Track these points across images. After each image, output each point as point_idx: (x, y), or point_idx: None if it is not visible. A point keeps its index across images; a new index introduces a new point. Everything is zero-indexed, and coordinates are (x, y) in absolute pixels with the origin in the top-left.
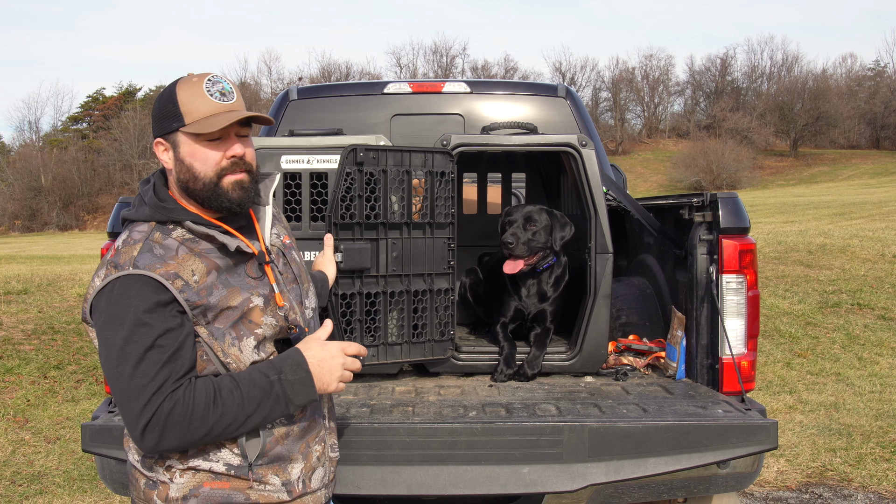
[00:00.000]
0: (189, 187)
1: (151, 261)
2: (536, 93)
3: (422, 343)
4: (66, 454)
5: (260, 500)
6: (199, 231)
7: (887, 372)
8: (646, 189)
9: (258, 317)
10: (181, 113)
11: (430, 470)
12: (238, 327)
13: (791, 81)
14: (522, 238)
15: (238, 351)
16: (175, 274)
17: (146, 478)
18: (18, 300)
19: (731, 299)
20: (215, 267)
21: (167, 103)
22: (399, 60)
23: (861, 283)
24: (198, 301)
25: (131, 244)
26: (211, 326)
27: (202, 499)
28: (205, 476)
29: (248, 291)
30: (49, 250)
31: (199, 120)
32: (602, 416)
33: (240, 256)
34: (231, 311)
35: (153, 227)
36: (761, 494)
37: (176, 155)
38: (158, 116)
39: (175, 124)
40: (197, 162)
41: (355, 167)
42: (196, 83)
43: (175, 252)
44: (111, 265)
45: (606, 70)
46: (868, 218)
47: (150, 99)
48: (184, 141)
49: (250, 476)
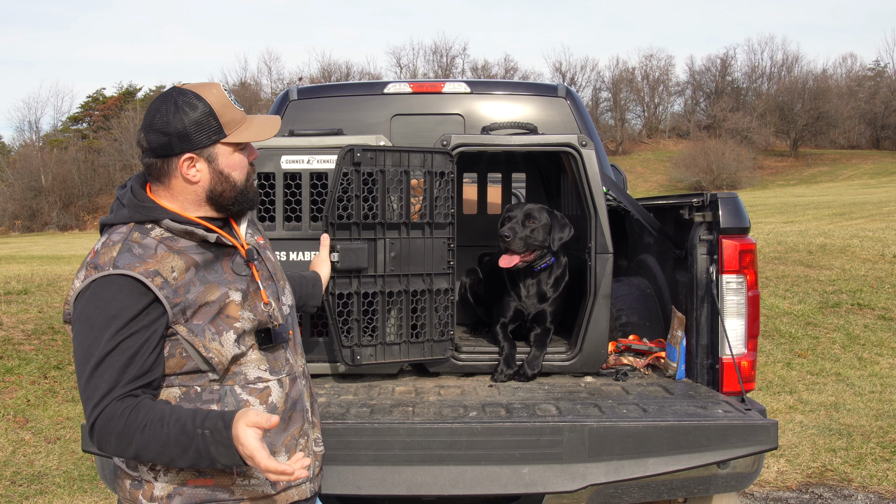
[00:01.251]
0: (224, 196)
1: (131, 260)
2: (536, 93)
3: (421, 343)
4: (66, 454)
5: (244, 495)
6: (178, 228)
7: (887, 372)
8: (646, 189)
9: (235, 311)
10: (221, 125)
11: (430, 470)
12: (216, 322)
13: (791, 81)
14: (520, 233)
15: (219, 345)
16: (155, 271)
17: (131, 478)
18: (18, 300)
19: (731, 299)
20: (193, 263)
21: (207, 118)
22: (399, 60)
23: (861, 283)
24: (176, 298)
25: (110, 245)
26: (190, 323)
27: (186, 496)
28: (188, 474)
29: (226, 286)
30: (49, 250)
31: (239, 130)
32: (602, 416)
33: (218, 252)
34: (208, 306)
35: (132, 227)
36: (761, 494)
37: (214, 167)
38: (192, 132)
39: (215, 137)
40: (235, 171)
41: (352, 167)
42: (218, 93)
43: (154, 250)
44: (91, 266)
45: (606, 70)
46: (868, 218)
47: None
48: (223, 152)
49: (234, 470)
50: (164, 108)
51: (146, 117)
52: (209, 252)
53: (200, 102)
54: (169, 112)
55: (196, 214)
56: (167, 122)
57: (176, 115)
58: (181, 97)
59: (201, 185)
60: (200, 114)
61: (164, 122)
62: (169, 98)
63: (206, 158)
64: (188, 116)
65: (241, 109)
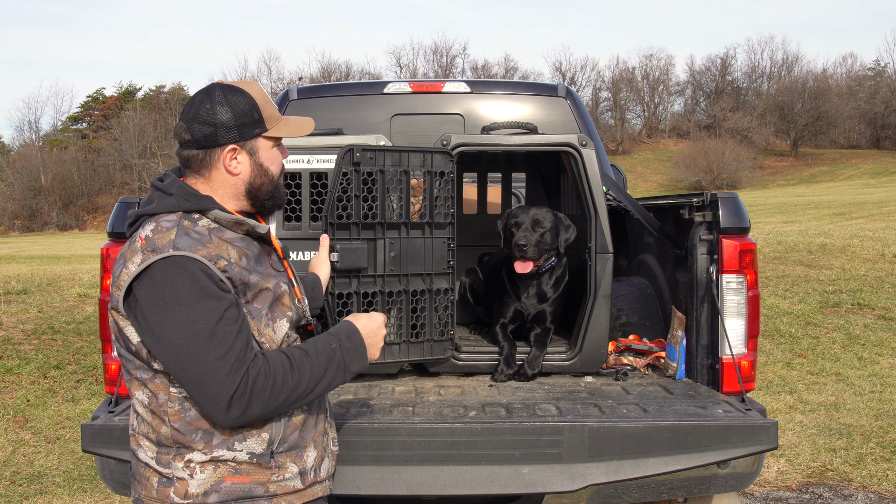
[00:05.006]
0: (261, 190)
1: (191, 243)
2: (536, 93)
3: (421, 343)
4: (66, 454)
5: (278, 490)
6: (227, 218)
7: (887, 372)
8: (646, 189)
9: (288, 300)
10: (264, 119)
11: (430, 470)
12: (273, 309)
13: (791, 81)
14: (533, 240)
15: (272, 332)
16: (217, 255)
17: (160, 475)
18: (18, 300)
19: (732, 299)
20: (244, 254)
21: (249, 110)
22: (399, 60)
23: (861, 283)
24: (240, 279)
25: (163, 231)
26: (250, 306)
27: (223, 493)
28: (226, 470)
29: (275, 278)
30: (49, 250)
31: (279, 125)
32: (602, 416)
33: (261, 248)
34: (267, 292)
35: (180, 216)
36: (761, 494)
37: (255, 160)
38: (237, 124)
39: (258, 130)
40: (273, 165)
41: (352, 167)
42: (258, 90)
43: (209, 236)
44: (148, 250)
45: (606, 70)
46: (868, 218)
47: (150, 99)
48: (263, 146)
49: (272, 464)
50: (208, 100)
51: (188, 109)
52: (254, 246)
53: (244, 96)
54: (215, 104)
55: (233, 208)
56: (214, 113)
57: (223, 106)
58: (226, 90)
59: (241, 177)
60: (245, 106)
61: (210, 113)
62: (213, 91)
63: (248, 151)
64: (234, 108)
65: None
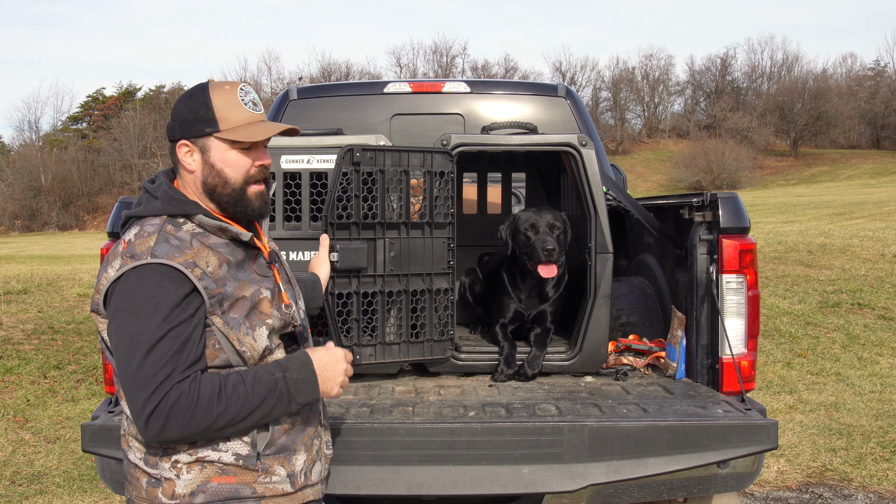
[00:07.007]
0: (216, 191)
1: (169, 250)
2: (536, 93)
3: (421, 343)
4: (66, 454)
5: (266, 493)
6: (211, 224)
7: (887, 372)
8: (646, 189)
9: (268, 307)
10: (216, 119)
11: (430, 470)
12: (251, 317)
13: (791, 81)
14: (559, 244)
15: (253, 340)
16: (193, 262)
17: (148, 476)
18: (18, 300)
19: (731, 299)
20: (226, 261)
21: (201, 108)
22: (399, 60)
23: (861, 282)
24: (215, 290)
25: (145, 236)
26: (226, 316)
27: (210, 494)
28: (212, 471)
29: (257, 284)
30: (49, 250)
31: (237, 128)
32: (602, 416)
33: (247, 252)
34: (244, 301)
35: (164, 220)
36: (761, 494)
37: (205, 159)
38: (188, 120)
39: (208, 129)
40: (229, 168)
41: (352, 167)
42: (230, 91)
43: (189, 243)
44: (127, 256)
45: (606, 70)
46: (868, 218)
47: (150, 99)
48: (216, 146)
49: (258, 466)
50: (180, 98)
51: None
52: (239, 251)
53: (203, 94)
54: (181, 101)
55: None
56: (177, 109)
57: (182, 103)
58: (195, 88)
59: (196, 175)
60: (198, 104)
61: (176, 109)
62: (189, 89)
63: (200, 149)
64: (188, 106)
65: (258, 113)
